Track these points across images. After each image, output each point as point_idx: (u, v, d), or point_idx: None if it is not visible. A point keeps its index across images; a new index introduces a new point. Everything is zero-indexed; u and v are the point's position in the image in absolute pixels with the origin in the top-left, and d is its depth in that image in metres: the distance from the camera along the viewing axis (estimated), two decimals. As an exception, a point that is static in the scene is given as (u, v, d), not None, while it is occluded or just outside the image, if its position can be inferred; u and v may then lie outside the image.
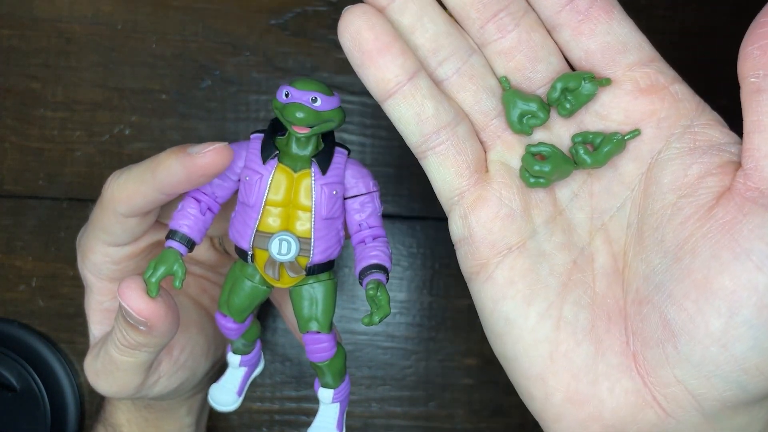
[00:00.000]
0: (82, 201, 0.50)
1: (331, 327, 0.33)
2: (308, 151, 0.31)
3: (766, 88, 0.26)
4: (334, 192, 0.31)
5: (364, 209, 0.32)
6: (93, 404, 0.50)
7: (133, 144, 0.50)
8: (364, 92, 0.50)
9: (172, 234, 0.32)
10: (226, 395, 0.38)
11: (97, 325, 0.38)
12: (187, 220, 0.32)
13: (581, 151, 0.28)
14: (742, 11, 0.50)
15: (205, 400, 0.45)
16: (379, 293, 0.30)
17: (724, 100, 0.53)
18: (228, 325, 0.34)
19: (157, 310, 0.31)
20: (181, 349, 0.38)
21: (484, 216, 0.29)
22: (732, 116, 0.50)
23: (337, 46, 0.50)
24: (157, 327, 0.31)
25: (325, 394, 0.35)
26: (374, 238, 0.32)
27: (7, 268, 0.50)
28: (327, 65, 0.50)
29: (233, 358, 0.38)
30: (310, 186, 0.31)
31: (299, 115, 0.29)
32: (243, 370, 0.39)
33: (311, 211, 0.31)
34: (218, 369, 0.44)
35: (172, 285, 0.31)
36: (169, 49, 0.50)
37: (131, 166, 0.33)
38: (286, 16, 0.50)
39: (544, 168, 0.28)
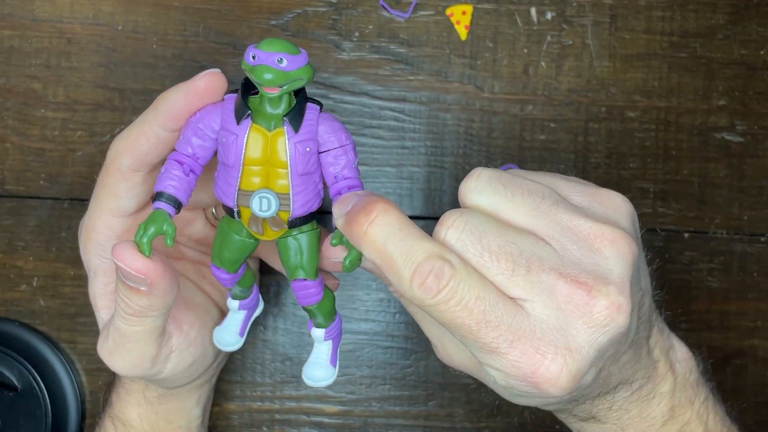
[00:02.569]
0: (84, 201, 0.50)
1: (316, 273, 0.35)
2: (281, 109, 0.32)
3: None
4: (308, 149, 0.32)
5: (338, 162, 0.33)
6: (94, 403, 0.50)
7: (133, 144, 0.50)
8: (364, 92, 0.50)
9: (158, 196, 0.32)
10: (228, 336, 0.39)
11: (104, 309, 0.38)
12: (172, 181, 0.32)
13: None
14: (740, 12, 0.51)
15: (211, 392, 0.46)
16: (344, 238, 0.32)
17: (723, 100, 0.53)
18: (222, 275, 0.36)
19: (154, 266, 0.32)
20: (190, 325, 0.39)
21: None
22: (732, 116, 0.51)
23: (337, 46, 0.50)
24: (157, 284, 0.32)
25: (317, 333, 0.37)
26: (349, 189, 0.33)
27: (8, 267, 0.50)
28: (327, 65, 0.50)
29: (232, 303, 0.39)
30: (284, 144, 0.32)
31: (267, 76, 0.30)
32: (243, 313, 0.40)
33: (287, 168, 0.32)
34: (225, 357, 0.45)
35: (164, 243, 0.32)
36: (170, 50, 0.50)
37: (131, 128, 0.35)
38: (287, 16, 0.50)
39: None
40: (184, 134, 0.33)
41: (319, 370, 0.37)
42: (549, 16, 0.50)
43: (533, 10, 0.50)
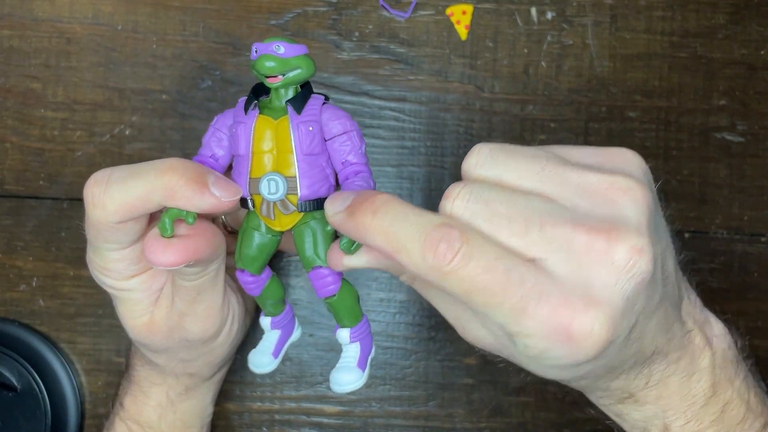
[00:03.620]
0: (83, 201, 0.50)
1: None
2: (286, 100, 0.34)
3: None
4: (310, 128, 0.33)
5: (344, 148, 0.34)
6: (94, 404, 0.50)
7: (133, 144, 0.50)
8: (364, 92, 0.50)
9: None
10: (262, 357, 0.39)
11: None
12: None
13: None
14: (740, 12, 0.51)
15: (219, 387, 0.47)
16: (354, 244, 0.32)
17: (724, 100, 0.53)
18: (246, 278, 0.36)
19: (184, 249, 0.32)
20: (237, 301, 0.41)
21: None
22: (732, 116, 0.51)
23: (337, 46, 0.50)
24: (196, 256, 0.33)
25: (343, 334, 0.36)
26: (356, 174, 0.34)
27: (7, 268, 0.50)
28: (327, 65, 0.50)
29: (265, 321, 0.39)
30: (288, 126, 0.33)
31: (267, 63, 0.32)
32: (277, 333, 0.40)
33: (293, 152, 0.33)
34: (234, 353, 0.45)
35: (186, 221, 0.33)
36: (170, 50, 0.50)
37: (114, 175, 0.33)
38: (287, 16, 0.50)
39: None
40: (204, 140, 0.35)
41: (347, 373, 0.35)
42: (549, 15, 0.50)
43: (533, 10, 0.50)
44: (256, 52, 0.33)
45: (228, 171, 0.36)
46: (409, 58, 0.50)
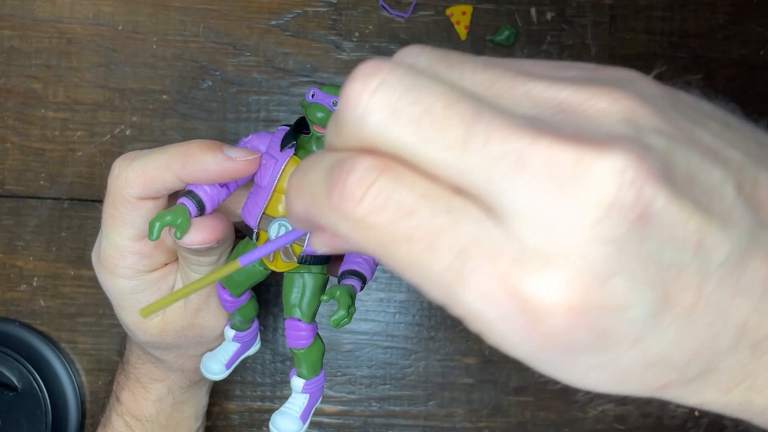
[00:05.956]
0: (84, 201, 0.50)
1: (312, 318, 0.35)
2: None
3: None
4: None
5: None
6: (94, 403, 0.50)
7: (134, 144, 0.50)
8: (364, 92, 0.50)
9: (187, 193, 0.33)
10: (215, 364, 0.40)
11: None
12: (207, 186, 0.34)
13: None
14: (740, 12, 0.51)
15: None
16: (338, 293, 0.32)
17: (722, 100, 0.53)
18: (226, 297, 0.36)
19: (213, 231, 0.33)
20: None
21: None
22: (731, 116, 0.51)
23: (337, 47, 0.50)
24: (225, 235, 0.34)
25: (297, 383, 0.36)
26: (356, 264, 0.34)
27: (8, 267, 0.50)
28: (327, 66, 0.50)
29: (229, 332, 0.39)
30: None
31: (319, 114, 0.32)
32: (236, 346, 0.40)
33: None
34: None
35: (173, 236, 0.33)
36: (170, 50, 0.50)
37: (141, 152, 0.34)
38: (287, 16, 0.50)
39: None
40: None
41: (288, 421, 0.35)
42: (549, 16, 0.50)
43: (533, 11, 0.50)
44: (312, 96, 0.33)
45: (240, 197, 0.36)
46: (409, 59, 0.50)
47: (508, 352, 0.20)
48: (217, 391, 0.49)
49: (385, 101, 0.19)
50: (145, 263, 0.36)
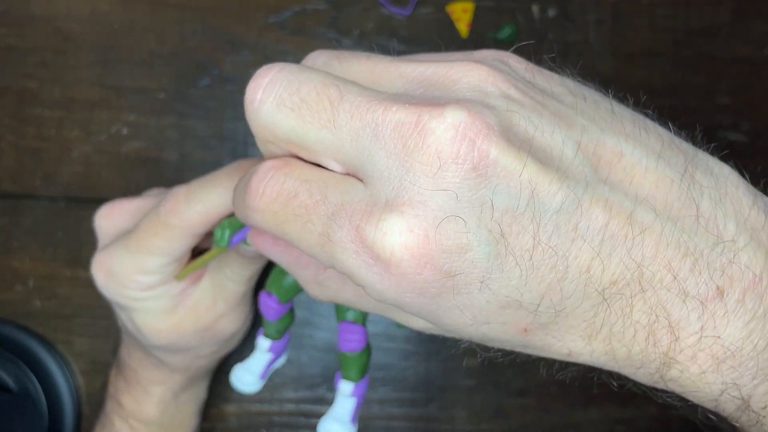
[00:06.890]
0: (80, 201, 0.50)
1: (365, 320, 0.35)
2: None
3: None
4: None
5: None
6: (90, 405, 0.50)
7: (130, 143, 0.49)
8: (364, 91, 0.50)
9: None
10: (250, 376, 0.39)
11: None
12: None
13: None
14: (744, 9, 0.50)
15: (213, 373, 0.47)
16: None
17: (726, 99, 0.53)
18: (271, 304, 0.36)
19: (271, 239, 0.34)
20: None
21: None
22: (736, 115, 0.50)
23: (337, 44, 0.50)
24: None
25: (345, 387, 0.35)
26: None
27: (3, 268, 0.50)
28: (326, 64, 0.50)
29: (263, 342, 0.39)
30: None
31: None
32: (270, 356, 0.39)
33: None
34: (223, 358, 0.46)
35: (242, 243, 0.34)
36: (167, 48, 0.50)
37: (194, 188, 0.35)
38: (285, 14, 0.50)
39: None
40: None
41: (342, 427, 0.34)
42: (551, 13, 0.50)
43: (535, 8, 0.50)
44: None
45: None
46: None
47: (383, 300, 0.22)
48: (216, 393, 0.49)
49: (273, 94, 0.22)
50: (163, 281, 0.37)
